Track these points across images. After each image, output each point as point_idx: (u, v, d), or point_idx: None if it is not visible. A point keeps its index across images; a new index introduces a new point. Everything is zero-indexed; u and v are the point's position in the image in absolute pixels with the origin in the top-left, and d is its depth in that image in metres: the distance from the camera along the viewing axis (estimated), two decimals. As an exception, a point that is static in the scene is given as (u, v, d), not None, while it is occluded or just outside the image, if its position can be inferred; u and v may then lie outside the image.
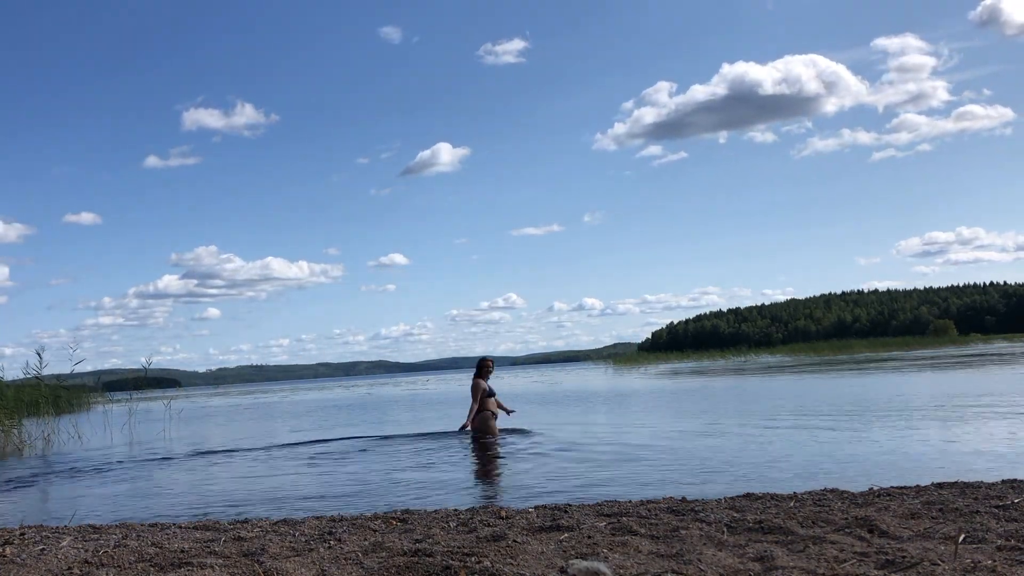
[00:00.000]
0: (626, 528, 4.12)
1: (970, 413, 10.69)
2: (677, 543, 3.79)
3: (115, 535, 4.47)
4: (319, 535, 4.19)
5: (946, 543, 3.63)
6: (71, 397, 25.29)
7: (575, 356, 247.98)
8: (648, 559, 3.51)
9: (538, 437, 10.36)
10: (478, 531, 4.16)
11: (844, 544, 3.66)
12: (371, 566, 3.46)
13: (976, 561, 3.27)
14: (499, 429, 10.87)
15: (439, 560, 3.45)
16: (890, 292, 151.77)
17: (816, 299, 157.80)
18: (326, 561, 3.57)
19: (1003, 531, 3.82)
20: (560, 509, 4.89)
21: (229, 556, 3.70)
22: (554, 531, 4.13)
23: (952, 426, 9.39)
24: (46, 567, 3.59)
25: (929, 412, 11.15)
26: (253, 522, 4.89)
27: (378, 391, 41.07)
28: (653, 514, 4.58)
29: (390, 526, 4.52)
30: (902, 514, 4.34)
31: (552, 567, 3.38)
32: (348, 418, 18.58)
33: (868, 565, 3.30)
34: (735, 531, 4.01)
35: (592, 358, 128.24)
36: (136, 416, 19.12)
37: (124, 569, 3.52)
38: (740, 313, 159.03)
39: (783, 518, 4.27)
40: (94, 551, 3.89)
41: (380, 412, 20.55)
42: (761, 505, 4.81)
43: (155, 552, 3.82)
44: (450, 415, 16.09)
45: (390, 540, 3.97)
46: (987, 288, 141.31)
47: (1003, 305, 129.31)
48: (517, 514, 4.72)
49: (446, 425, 12.77)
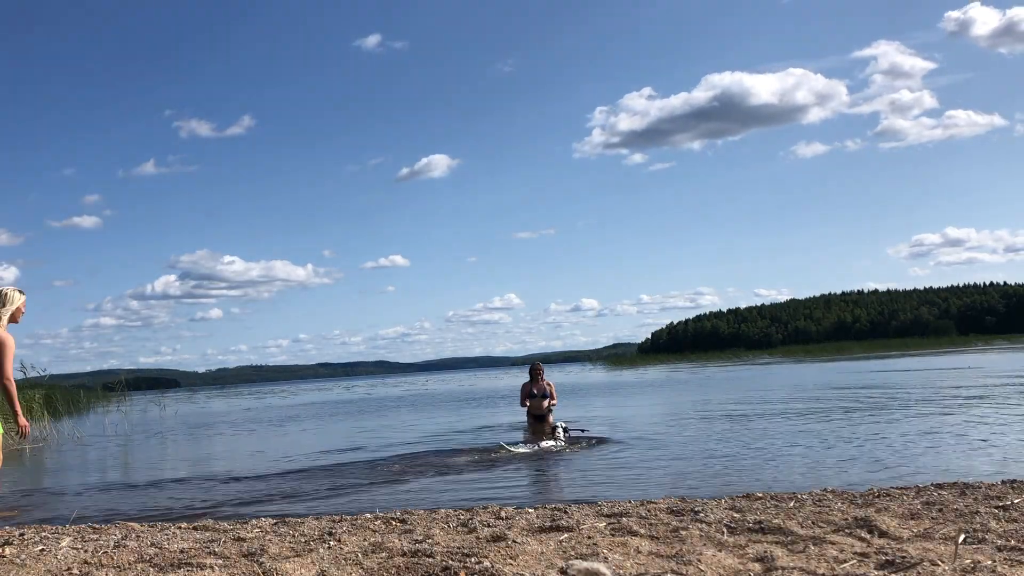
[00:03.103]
0: (626, 528, 4.12)
1: (970, 413, 10.69)
2: (677, 543, 3.79)
3: (115, 535, 4.47)
4: (319, 535, 4.19)
5: (946, 543, 3.63)
6: (72, 398, 25.29)
7: (574, 356, 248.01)
8: (648, 559, 3.50)
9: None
10: (478, 531, 4.16)
11: (844, 544, 3.66)
12: (371, 566, 3.45)
13: (976, 561, 3.27)
14: (549, 428, 10.45)
15: (439, 560, 3.45)
16: (890, 292, 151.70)
17: (816, 299, 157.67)
18: (326, 561, 3.57)
19: (1003, 531, 3.82)
20: (560, 509, 4.88)
21: (229, 556, 3.70)
22: (554, 531, 4.13)
23: (952, 426, 9.39)
24: (46, 567, 3.59)
25: (929, 411, 11.15)
26: (253, 522, 4.89)
27: (394, 391, 41.06)
28: (653, 514, 4.58)
29: (390, 526, 4.52)
30: (902, 514, 4.34)
31: (552, 567, 3.38)
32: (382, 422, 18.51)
33: (868, 565, 3.30)
34: (735, 531, 4.01)
35: (592, 359, 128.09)
36: (131, 418, 19.08)
37: (124, 569, 3.52)
38: (740, 313, 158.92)
39: (783, 518, 4.27)
40: (93, 551, 3.89)
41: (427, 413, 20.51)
42: (761, 505, 4.81)
43: (155, 552, 3.81)
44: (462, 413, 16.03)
45: (390, 540, 3.96)
46: (987, 288, 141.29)
47: (1003, 305, 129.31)
48: (517, 514, 4.72)
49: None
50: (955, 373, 23.22)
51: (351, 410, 22.69)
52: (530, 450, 9.05)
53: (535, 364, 11.59)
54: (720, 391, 20.51)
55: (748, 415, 12.39)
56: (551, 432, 9.92)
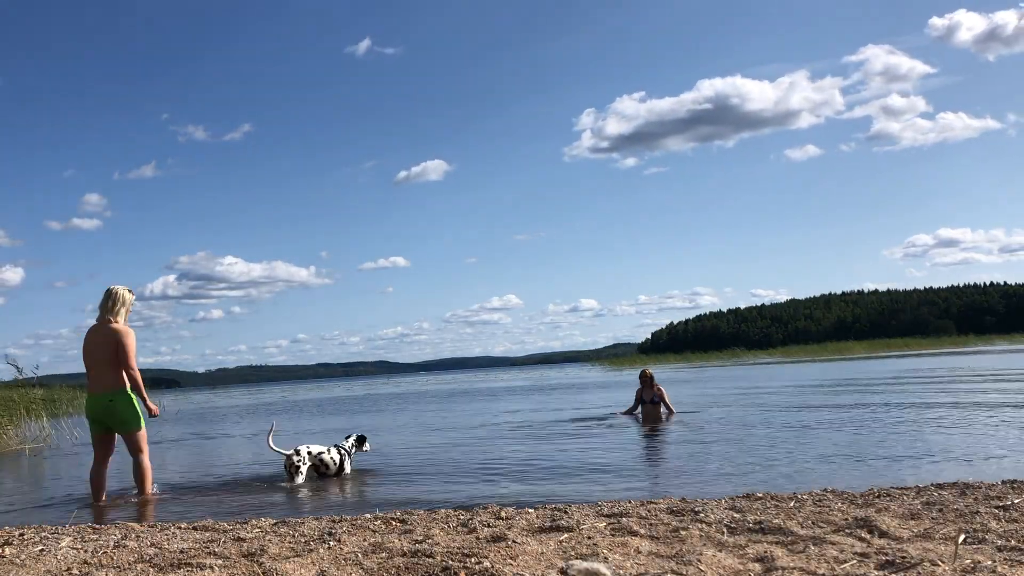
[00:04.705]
0: (626, 528, 4.12)
1: (971, 413, 10.68)
2: (677, 544, 3.79)
3: (114, 535, 4.46)
4: (319, 536, 4.18)
5: (946, 543, 3.63)
6: (73, 398, 25.22)
7: (574, 357, 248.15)
8: (648, 560, 3.50)
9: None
10: (478, 532, 4.15)
11: (844, 544, 3.66)
12: (371, 567, 3.45)
13: (976, 561, 3.27)
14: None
15: (439, 561, 3.45)
16: (890, 292, 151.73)
17: (816, 299, 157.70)
18: (326, 562, 3.57)
19: (1003, 531, 3.82)
20: (560, 509, 4.88)
21: (229, 556, 3.70)
22: (554, 532, 4.13)
23: (953, 425, 9.38)
24: (45, 568, 3.59)
25: (930, 411, 11.14)
26: (253, 522, 4.89)
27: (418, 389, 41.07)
28: (653, 514, 4.58)
29: (390, 527, 4.51)
30: (902, 514, 4.33)
31: (552, 568, 3.38)
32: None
33: (868, 565, 3.29)
34: (735, 532, 4.01)
35: (591, 359, 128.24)
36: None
37: (123, 570, 3.51)
38: (740, 313, 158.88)
39: (783, 518, 4.27)
40: (93, 552, 3.89)
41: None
42: (761, 505, 4.80)
43: (154, 553, 3.81)
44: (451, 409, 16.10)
45: (390, 541, 3.96)
46: (987, 288, 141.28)
47: (1003, 306, 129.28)
48: (517, 514, 4.72)
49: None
50: (956, 373, 23.22)
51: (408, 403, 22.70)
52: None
53: (645, 371, 11.75)
54: (720, 391, 20.52)
55: (748, 415, 12.39)
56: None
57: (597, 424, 11.97)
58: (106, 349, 6.50)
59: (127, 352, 6.47)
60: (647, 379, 11.84)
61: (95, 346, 6.56)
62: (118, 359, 6.49)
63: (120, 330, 6.53)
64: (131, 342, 6.53)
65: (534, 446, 9.59)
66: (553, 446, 9.47)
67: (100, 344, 6.53)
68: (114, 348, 6.49)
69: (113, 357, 6.49)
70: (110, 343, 6.50)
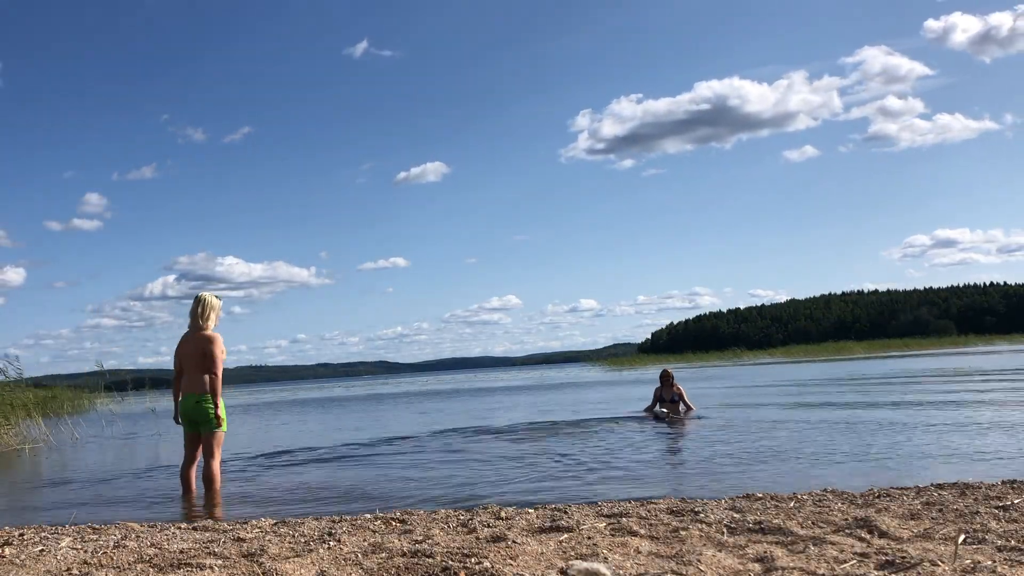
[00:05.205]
0: (626, 529, 4.12)
1: (971, 413, 10.68)
2: (677, 544, 3.79)
3: (114, 536, 4.46)
4: (319, 536, 4.18)
5: (946, 543, 3.63)
6: (72, 398, 25.25)
7: (574, 357, 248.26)
8: (648, 560, 3.50)
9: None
10: (478, 532, 4.15)
11: (844, 545, 3.66)
12: (371, 567, 3.45)
13: (976, 561, 3.27)
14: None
15: (439, 561, 3.44)
16: (890, 293, 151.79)
17: (816, 299, 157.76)
18: (326, 562, 3.57)
19: (1003, 531, 3.82)
20: (560, 510, 4.88)
21: (229, 556, 3.70)
22: (554, 532, 4.13)
23: (953, 425, 9.38)
24: (45, 568, 3.59)
25: (930, 411, 11.14)
26: (253, 522, 4.89)
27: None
28: (653, 515, 4.57)
29: (390, 527, 4.51)
30: (902, 515, 4.34)
31: (552, 568, 3.38)
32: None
33: (868, 566, 3.29)
34: (735, 532, 4.01)
35: (591, 359, 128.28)
36: (130, 418, 19.12)
37: (123, 570, 3.51)
38: (740, 314, 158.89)
39: (783, 518, 4.27)
40: (93, 552, 3.89)
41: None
42: (761, 506, 4.80)
43: (154, 553, 3.81)
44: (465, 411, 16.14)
45: (390, 541, 3.96)
46: (987, 289, 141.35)
47: (1003, 306, 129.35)
48: (517, 515, 4.72)
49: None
50: (956, 373, 23.22)
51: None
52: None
53: (666, 370, 11.82)
54: (720, 391, 20.52)
55: (748, 415, 12.39)
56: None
57: (598, 424, 11.98)
58: (199, 354, 6.91)
59: (214, 359, 6.87)
60: (667, 378, 11.87)
61: (188, 352, 6.96)
62: (206, 364, 6.88)
63: (211, 337, 6.96)
64: (219, 349, 6.94)
65: (534, 446, 9.58)
66: (553, 446, 9.47)
67: (190, 353, 6.94)
68: (202, 353, 6.89)
69: (203, 361, 6.89)
70: (201, 349, 6.91)
